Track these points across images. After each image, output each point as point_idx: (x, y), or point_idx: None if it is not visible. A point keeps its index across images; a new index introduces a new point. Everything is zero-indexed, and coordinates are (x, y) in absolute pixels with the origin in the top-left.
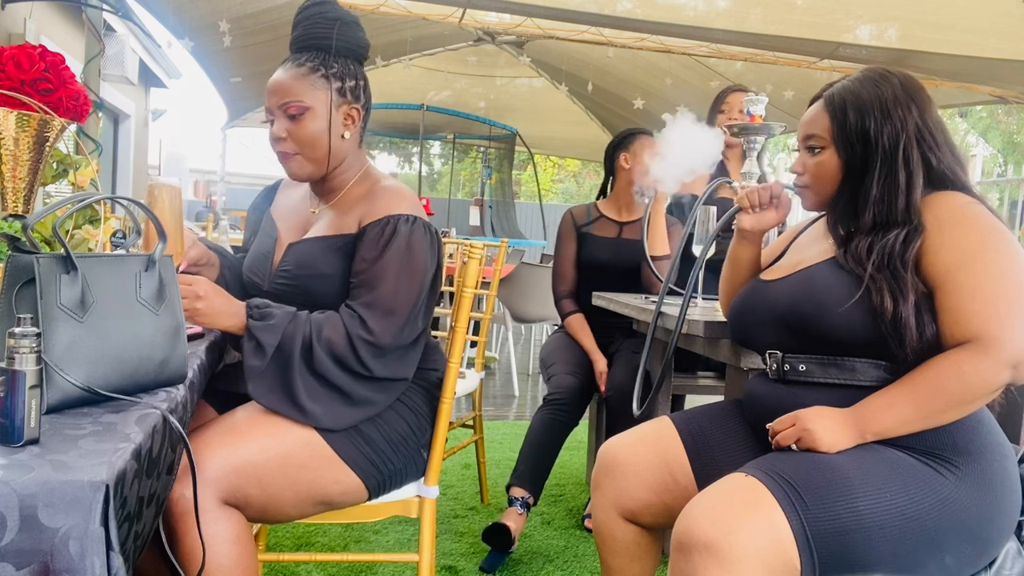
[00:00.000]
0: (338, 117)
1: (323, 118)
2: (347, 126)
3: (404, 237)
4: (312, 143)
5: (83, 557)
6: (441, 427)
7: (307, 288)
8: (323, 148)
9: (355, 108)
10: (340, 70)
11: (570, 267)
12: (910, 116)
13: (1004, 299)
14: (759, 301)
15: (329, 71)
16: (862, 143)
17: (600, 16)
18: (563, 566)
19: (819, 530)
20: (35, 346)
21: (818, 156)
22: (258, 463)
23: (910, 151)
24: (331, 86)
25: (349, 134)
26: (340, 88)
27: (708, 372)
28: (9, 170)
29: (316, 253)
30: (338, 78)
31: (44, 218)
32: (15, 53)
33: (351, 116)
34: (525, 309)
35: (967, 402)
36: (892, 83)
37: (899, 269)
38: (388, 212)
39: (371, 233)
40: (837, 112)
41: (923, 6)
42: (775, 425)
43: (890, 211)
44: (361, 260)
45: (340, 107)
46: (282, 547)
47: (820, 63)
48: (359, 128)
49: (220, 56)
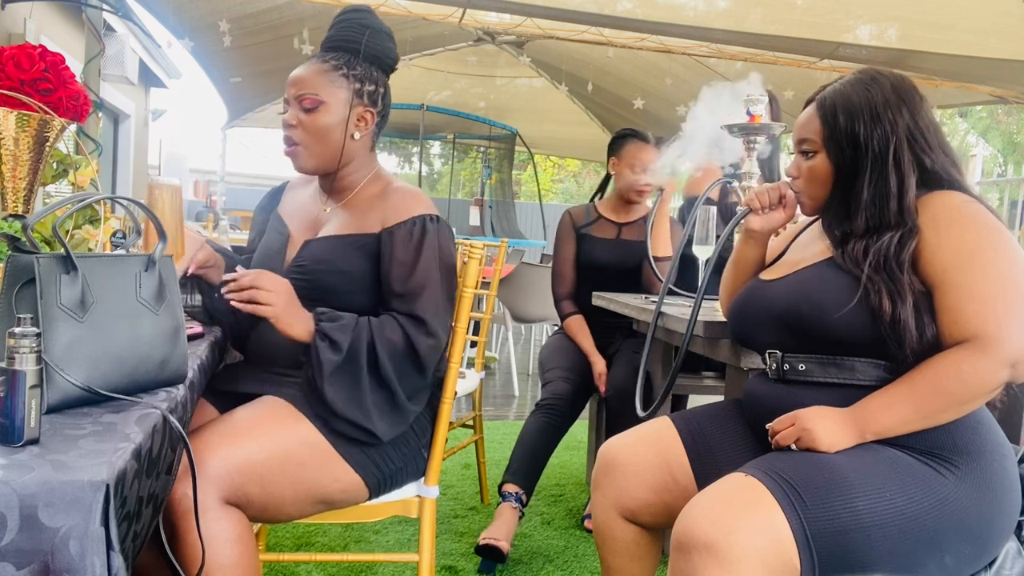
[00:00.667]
0: (351, 117)
1: (336, 115)
2: (359, 127)
3: (434, 236)
4: (320, 137)
5: (83, 557)
6: (441, 427)
7: (322, 283)
8: (330, 144)
9: (369, 111)
10: (362, 73)
11: (569, 268)
12: (901, 118)
13: (1002, 298)
14: (758, 301)
15: (351, 71)
16: (852, 147)
17: (600, 16)
18: (563, 566)
19: (819, 530)
20: (35, 346)
21: (811, 160)
22: (259, 461)
23: (901, 154)
24: (350, 86)
25: (360, 135)
26: (359, 90)
27: (708, 372)
28: (9, 170)
29: (334, 250)
30: (358, 80)
31: (44, 218)
32: (15, 53)
33: (364, 118)
34: (525, 309)
35: (966, 401)
36: (883, 85)
37: (895, 271)
38: (411, 213)
39: (400, 234)
40: (828, 116)
41: (923, 6)
42: (775, 425)
43: (882, 214)
44: (399, 264)
45: (355, 108)
46: (282, 547)
47: (820, 63)
48: (371, 132)
49: (220, 56)
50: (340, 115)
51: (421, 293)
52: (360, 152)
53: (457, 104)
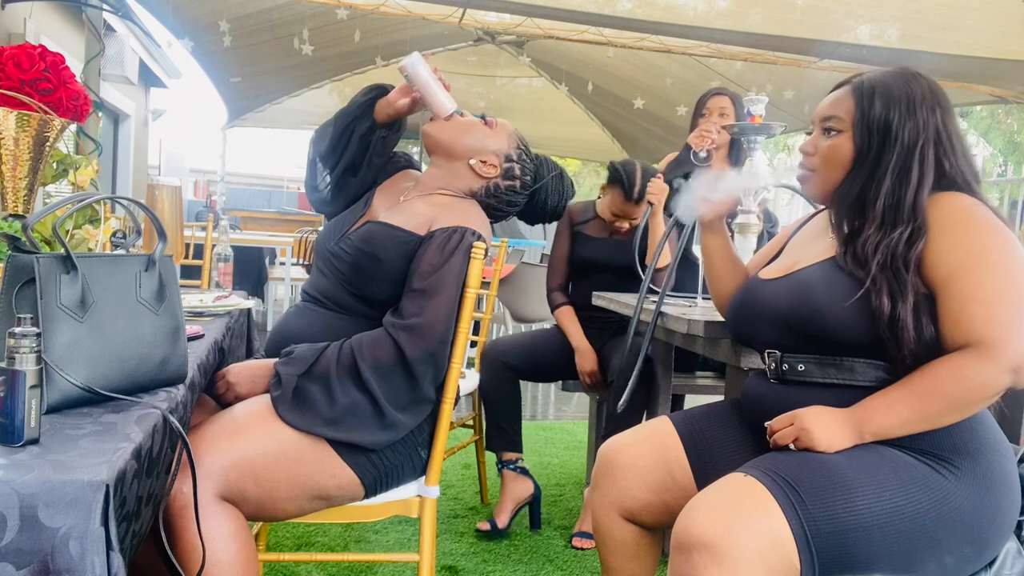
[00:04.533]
0: (490, 157)
1: (486, 145)
2: (483, 166)
3: (466, 250)
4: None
5: (83, 557)
6: (442, 427)
7: (358, 264)
8: (457, 145)
9: (496, 168)
10: (525, 167)
11: (563, 263)
12: (932, 118)
13: (1006, 303)
14: (757, 300)
15: (524, 158)
16: (882, 134)
17: (600, 16)
18: (563, 566)
19: (818, 530)
20: (35, 346)
21: (833, 139)
22: (254, 457)
23: (927, 151)
24: (506, 165)
25: (475, 164)
26: (509, 169)
27: (708, 372)
28: (9, 170)
29: (380, 236)
30: (509, 160)
31: (44, 218)
32: (15, 53)
33: (490, 164)
34: (525, 309)
35: (967, 406)
36: (922, 84)
37: (901, 270)
38: (459, 223)
39: (439, 238)
40: (864, 98)
41: (923, 6)
42: (773, 424)
43: (899, 206)
44: (426, 263)
45: (490, 159)
46: (282, 547)
47: (820, 63)
48: (481, 185)
49: (220, 56)
50: (485, 145)
51: (433, 296)
52: (466, 178)
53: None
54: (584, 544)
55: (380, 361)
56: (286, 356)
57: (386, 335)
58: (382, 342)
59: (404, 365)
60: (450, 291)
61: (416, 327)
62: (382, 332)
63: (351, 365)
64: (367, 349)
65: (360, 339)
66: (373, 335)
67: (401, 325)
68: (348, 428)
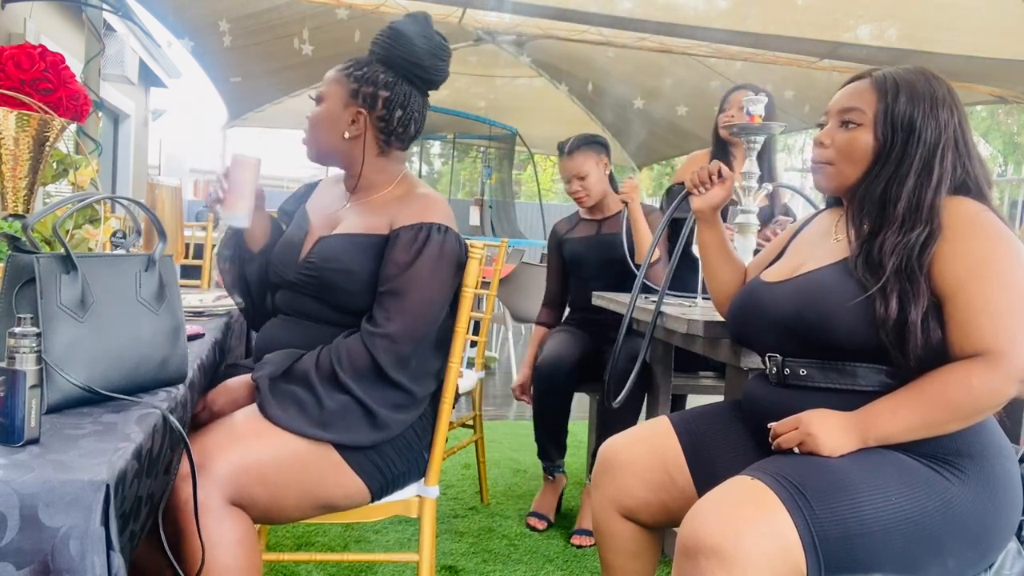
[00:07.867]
0: (344, 116)
1: (328, 111)
2: (349, 127)
3: (437, 246)
4: (315, 128)
5: (83, 557)
6: (441, 427)
7: (329, 281)
8: (321, 137)
9: (362, 113)
10: (365, 74)
11: (553, 281)
12: (952, 120)
13: (1013, 313)
14: (760, 303)
15: (354, 72)
16: (906, 131)
17: (600, 16)
18: (563, 566)
19: (825, 534)
20: (35, 346)
21: (852, 132)
22: (265, 462)
23: (946, 152)
24: (347, 86)
25: (349, 134)
26: (354, 90)
27: (708, 372)
28: (9, 170)
29: (343, 248)
30: (356, 80)
31: (44, 218)
32: (15, 53)
33: (355, 119)
34: (525, 309)
35: (972, 414)
36: (942, 85)
37: (916, 273)
38: (421, 218)
39: (404, 237)
40: (888, 93)
41: (923, 6)
42: (778, 427)
43: (919, 207)
44: (394, 264)
45: (347, 107)
46: (282, 547)
47: (820, 63)
48: (372, 134)
49: (220, 56)
50: (333, 112)
51: (402, 298)
52: (356, 152)
53: (457, 104)
54: (583, 541)
55: (358, 369)
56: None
57: (360, 343)
58: (356, 350)
59: (381, 372)
60: (423, 291)
61: (386, 334)
62: (357, 340)
63: (331, 373)
64: (345, 358)
65: (338, 347)
66: (349, 343)
67: (372, 332)
68: (341, 430)
